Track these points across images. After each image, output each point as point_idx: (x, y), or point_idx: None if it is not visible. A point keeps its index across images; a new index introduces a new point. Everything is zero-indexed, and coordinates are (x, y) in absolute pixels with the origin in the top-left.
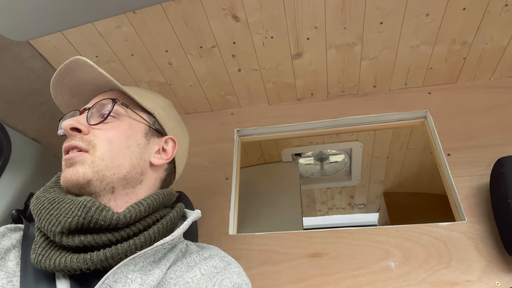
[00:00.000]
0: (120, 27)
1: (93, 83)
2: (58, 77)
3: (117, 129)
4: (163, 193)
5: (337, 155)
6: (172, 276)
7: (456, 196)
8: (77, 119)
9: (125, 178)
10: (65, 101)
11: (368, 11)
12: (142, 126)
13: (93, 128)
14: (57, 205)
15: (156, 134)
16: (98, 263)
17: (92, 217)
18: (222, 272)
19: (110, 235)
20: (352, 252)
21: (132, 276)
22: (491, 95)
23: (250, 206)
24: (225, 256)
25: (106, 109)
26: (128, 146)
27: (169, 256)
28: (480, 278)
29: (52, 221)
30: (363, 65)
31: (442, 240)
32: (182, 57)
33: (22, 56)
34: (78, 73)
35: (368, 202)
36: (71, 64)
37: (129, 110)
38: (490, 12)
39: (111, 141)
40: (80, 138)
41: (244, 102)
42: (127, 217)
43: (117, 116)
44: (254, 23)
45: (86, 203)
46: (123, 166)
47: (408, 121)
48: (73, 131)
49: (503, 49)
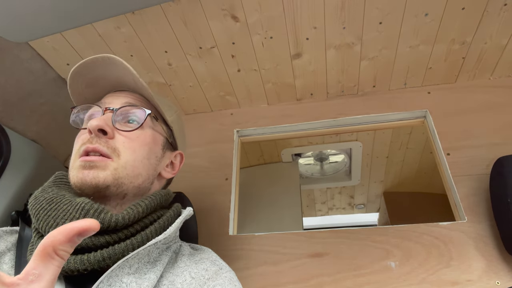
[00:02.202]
0: (119, 28)
1: (114, 80)
2: (82, 68)
3: (142, 140)
4: (160, 193)
5: (337, 155)
6: (165, 282)
7: (456, 195)
8: (104, 120)
9: (139, 187)
10: (79, 91)
11: (367, 11)
12: (162, 139)
13: (119, 133)
14: (55, 206)
15: (170, 148)
16: (95, 263)
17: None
18: (214, 278)
19: (108, 237)
20: (353, 252)
21: (127, 280)
22: (490, 95)
23: (250, 207)
24: (216, 260)
25: (133, 115)
26: (149, 158)
27: (163, 258)
28: (480, 278)
29: (50, 222)
30: (362, 65)
31: (442, 240)
32: (182, 57)
33: (21, 58)
34: (104, 69)
35: (368, 202)
36: (103, 60)
37: (157, 123)
38: (489, 11)
39: (135, 152)
40: (105, 143)
41: (243, 103)
42: (125, 219)
43: (143, 125)
44: (254, 23)
45: (84, 205)
46: (141, 176)
47: (408, 120)
48: (99, 132)
49: (502, 48)
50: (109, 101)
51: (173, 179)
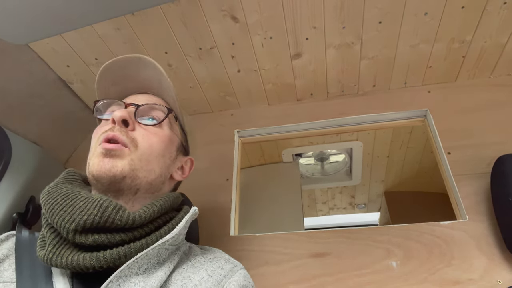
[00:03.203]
0: (119, 29)
1: (141, 81)
2: (114, 65)
3: (160, 137)
4: (172, 195)
5: (337, 155)
6: (178, 277)
7: (457, 194)
8: (128, 113)
9: (151, 183)
10: (104, 87)
11: (367, 10)
12: (177, 141)
13: (140, 126)
14: (71, 202)
15: (183, 151)
16: (111, 261)
17: (109, 217)
18: (229, 275)
19: (123, 235)
20: (354, 252)
21: (135, 280)
22: (490, 93)
23: (251, 207)
24: (229, 259)
25: (155, 113)
26: (163, 155)
27: (173, 258)
28: (482, 277)
29: (66, 217)
30: (362, 65)
31: (443, 239)
32: (182, 58)
33: (21, 60)
34: (133, 68)
35: (369, 202)
36: (134, 60)
37: (175, 124)
38: (488, 10)
39: (152, 146)
40: (125, 133)
41: (244, 103)
42: (142, 217)
43: (162, 123)
44: (253, 24)
45: (103, 202)
46: (154, 172)
47: (408, 120)
48: (122, 123)
49: (502, 47)
50: (131, 100)
51: None
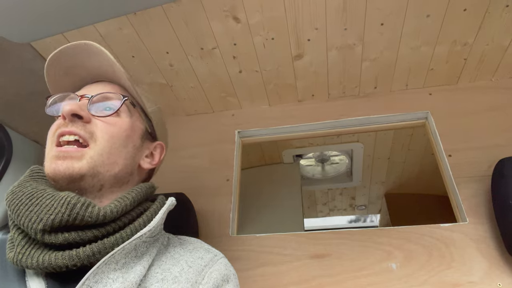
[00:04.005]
0: (121, 29)
1: (93, 69)
2: (61, 55)
3: (119, 126)
4: (145, 186)
5: (338, 156)
6: (158, 270)
7: (458, 197)
8: (79, 105)
9: (116, 176)
10: (56, 79)
11: (368, 12)
12: (140, 128)
13: (95, 118)
14: (36, 201)
15: (150, 138)
16: (85, 259)
17: (78, 214)
18: (210, 264)
19: (95, 231)
20: (354, 253)
21: (113, 276)
22: (492, 96)
23: (251, 208)
24: (209, 248)
25: (111, 102)
26: (126, 145)
27: (151, 250)
28: (482, 280)
29: (33, 218)
30: (363, 66)
31: (443, 241)
32: (183, 58)
33: (23, 58)
34: (82, 56)
35: (369, 203)
36: (81, 47)
37: (135, 111)
38: (490, 13)
39: (113, 137)
40: (82, 127)
41: (245, 104)
42: (113, 212)
43: (119, 112)
44: (255, 24)
45: (70, 199)
46: (117, 164)
47: (409, 122)
48: (73, 117)
49: (504, 49)
50: (85, 91)
51: (174, 180)
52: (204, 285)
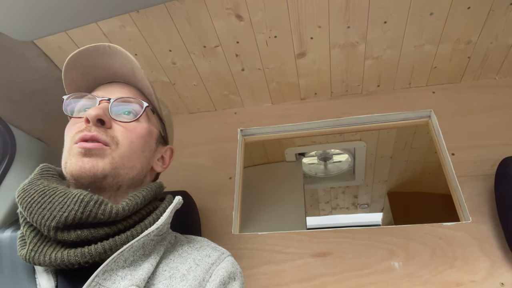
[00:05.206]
0: (124, 27)
1: (112, 70)
2: (82, 55)
3: (138, 132)
4: (155, 185)
5: (340, 155)
6: (166, 268)
7: (461, 196)
8: (103, 110)
9: (133, 179)
10: (73, 78)
11: (372, 10)
12: (156, 133)
13: (116, 123)
14: (49, 198)
15: (162, 142)
16: (97, 256)
17: (91, 212)
18: (217, 262)
19: (107, 229)
20: (356, 252)
21: (122, 273)
22: (495, 95)
23: (253, 206)
24: (216, 246)
25: (130, 106)
26: (144, 150)
27: (159, 248)
28: (485, 279)
29: (46, 215)
30: (367, 65)
31: (446, 240)
32: (186, 56)
33: (26, 56)
34: (103, 58)
35: (372, 202)
36: (104, 49)
37: (153, 116)
38: (495, 11)
39: (132, 142)
40: (104, 132)
41: (247, 102)
42: (125, 209)
43: (139, 118)
44: (258, 22)
45: (84, 197)
46: (135, 168)
47: (412, 120)
48: (97, 122)
49: (508, 48)
50: (103, 93)
51: (177, 178)
52: (211, 283)
